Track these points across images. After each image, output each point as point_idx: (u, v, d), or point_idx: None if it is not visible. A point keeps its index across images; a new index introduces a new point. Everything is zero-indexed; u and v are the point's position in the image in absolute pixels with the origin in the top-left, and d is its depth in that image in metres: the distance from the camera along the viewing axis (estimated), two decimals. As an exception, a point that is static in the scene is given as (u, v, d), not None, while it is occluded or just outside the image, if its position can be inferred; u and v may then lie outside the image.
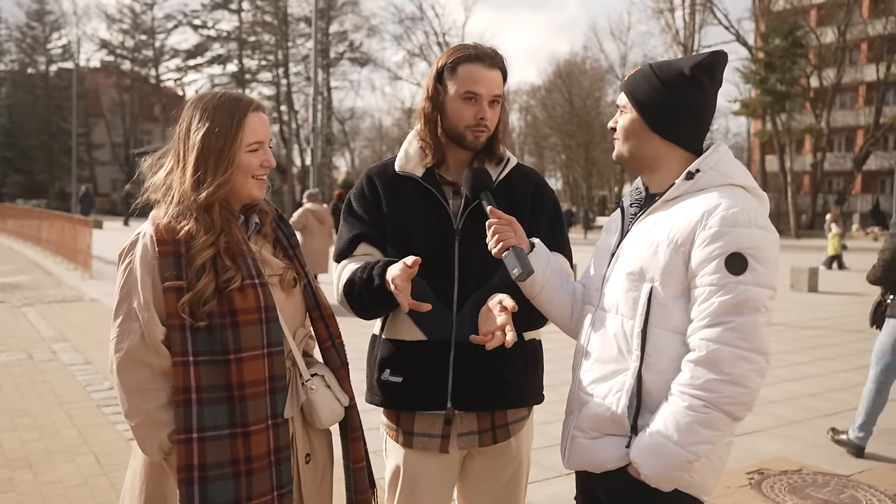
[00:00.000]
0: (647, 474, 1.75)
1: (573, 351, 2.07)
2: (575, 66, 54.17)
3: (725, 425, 1.71)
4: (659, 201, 1.88)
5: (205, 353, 1.85)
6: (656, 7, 47.74)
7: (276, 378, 1.92)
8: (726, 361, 1.67)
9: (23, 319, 9.81)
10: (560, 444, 2.07)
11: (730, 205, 1.73)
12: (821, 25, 43.02)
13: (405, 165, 2.29)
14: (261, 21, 55.00)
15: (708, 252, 1.72)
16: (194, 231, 1.90)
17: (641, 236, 1.87)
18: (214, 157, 1.92)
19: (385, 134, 61.89)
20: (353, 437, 2.12)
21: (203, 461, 1.82)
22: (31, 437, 4.99)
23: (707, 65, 1.85)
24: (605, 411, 1.85)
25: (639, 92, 1.90)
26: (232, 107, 1.95)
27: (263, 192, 2.04)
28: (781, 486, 4.28)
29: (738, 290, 1.69)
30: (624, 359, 1.83)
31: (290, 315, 2.04)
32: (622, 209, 2.03)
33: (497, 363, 2.18)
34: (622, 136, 1.94)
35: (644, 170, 1.96)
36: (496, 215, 2.05)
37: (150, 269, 1.87)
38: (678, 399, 1.72)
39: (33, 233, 21.94)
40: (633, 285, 1.83)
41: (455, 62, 2.22)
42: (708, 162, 1.84)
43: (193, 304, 1.84)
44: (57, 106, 58.96)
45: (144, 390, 1.86)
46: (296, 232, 2.87)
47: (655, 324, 1.79)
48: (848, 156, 45.22)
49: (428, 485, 2.27)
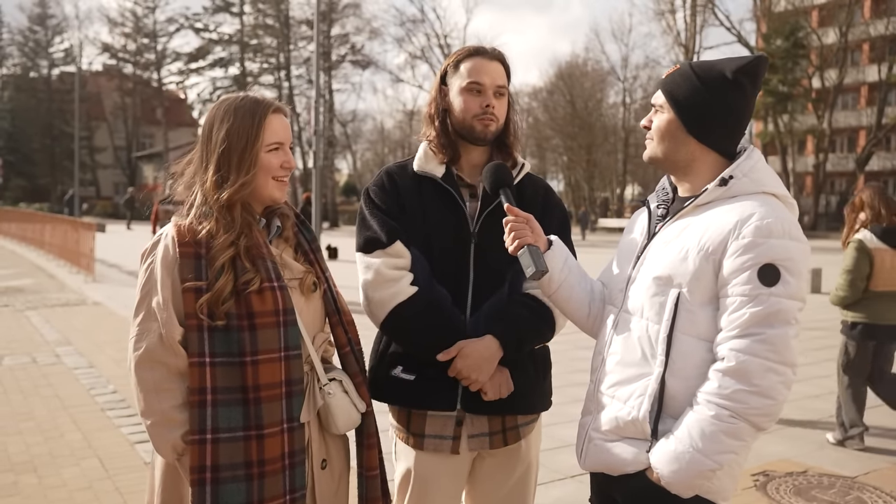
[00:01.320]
0: (668, 481, 1.74)
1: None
2: (576, 68, 54.15)
3: (750, 435, 1.71)
4: (690, 206, 1.85)
5: (221, 354, 1.85)
6: (657, 9, 47.70)
7: (292, 382, 1.92)
8: (755, 373, 1.66)
9: (26, 323, 9.81)
10: (576, 444, 2.06)
11: (764, 214, 1.71)
12: (822, 26, 43.00)
13: (424, 165, 2.28)
14: (262, 24, 55.01)
15: (741, 262, 1.70)
16: (214, 231, 1.91)
17: (670, 240, 1.84)
18: (237, 156, 1.94)
19: (387, 136, 61.95)
20: (368, 444, 2.11)
21: (216, 462, 1.82)
22: (36, 441, 4.99)
23: (751, 69, 1.82)
24: (626, 415, 1.84)
25: (678, 92, 1.86)
26: (253, 107, 1.97)
27: (284, 193, 2.04)
28: (787, 488, 4.27)
29: (769, 302, 1.67)
30: (647, 363, 1.82)
31: (310, 319, 2.04)
32: (648, 210, 2.00)
33: (508, 369, 2.19)
34: (657, 137, 1.90)
35: (677, 172, 1.93)
36: (513, 213, 2.03)
37: (170, 269, 1.89)
38: (704, 408, 1.70)
39: (36, 236, 21.95)
40: (661, 290, 1.81)
41: (457, 61, 2.26)
42: (742, 168, 1.81)
43: (211, 304, 1.86)
44: (59, 109, 59.03)
45: (161, 390, 1.87)
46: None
47: (682, 329, 1.77)
48: (850, 156, 45.17)
49: (438, 486, 2.26)
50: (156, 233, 2.05)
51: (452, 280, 2.21)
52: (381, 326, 2.24)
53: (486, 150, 2.30)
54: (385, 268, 2.19)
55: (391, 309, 2.17)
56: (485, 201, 2.25)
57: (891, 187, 44.49)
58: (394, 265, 2.20)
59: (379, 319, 2.21)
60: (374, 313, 2.21)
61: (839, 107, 44.56)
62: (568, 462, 4.58)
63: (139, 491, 4.12)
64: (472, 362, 2.12)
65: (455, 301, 2.21)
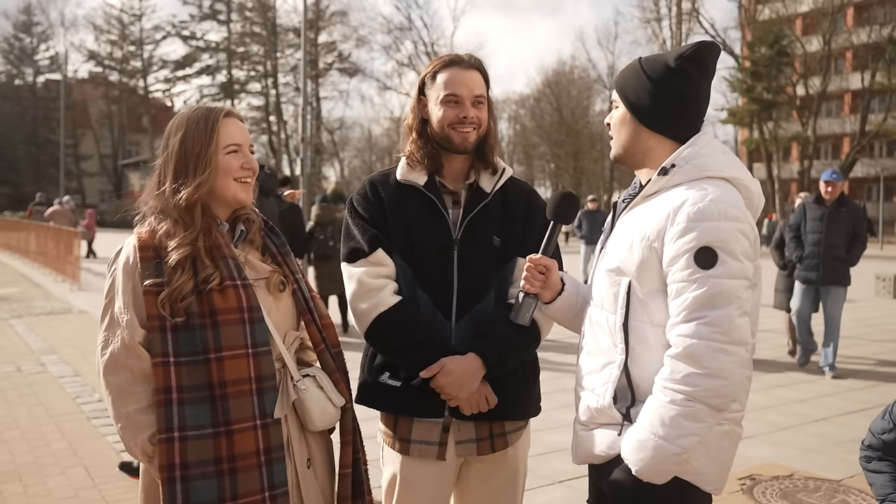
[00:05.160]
0: (637, 469, 1.76)
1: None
2: (563, 76, 54.45)
3: (710, 416, 1.72)
4: (638, 197, 1.91)
5: (186, 353, 1.88)
6: (643, 17, 48.10)
7: (263, 378, 1.93)
8: (704, 355, 1.69)
9: (11, 332, 9.73)
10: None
11: (697, 199, 1.75)
12: (806, 34, 43.40)
13: (407, 174, 2.29)
14: (249, 32, 55.06)
15: (677, 248, 1.74)
16: (173, 231, 1.95)
17: (621, 232, 1.90)
18: (192, 161, 1.97)
19: (374, 144, 61.89)
20: (343, 441, 2.12)
21: (185, 460, 1.84)
22: (21, 450, 4.94)
23: (693, 55, 1.86)
24: (596, 403, 1.89)
25: (627, 86, 1.93)
26: (206, 114, 2.02)
27: (250, 195, 2.07)
28: (773, 492, 4.30)
29: (709, 284, 1.70)
30: (612, 352, 1.87)
31: (279, 318, 2.05)
32: (614, 206, 2.05)
33: (497, 375, 2.20)
34: (615, 132, 1.97)
35: (636, 165, 1.98)
36: (536, 261, 2.07)
37: (130, 274, 1.93)
38: (660, 394, 1.74)
39: (21, 245, 21.79)
40: (613, 280, 1.87)
41: (434, 72, 2.27)
42: (684, 156, 1.85)
43: (172, 301, 1.88)
44: (44, 117, 58.74)
45: (125, 394, 1.89)
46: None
47: (636, 318, 1.82)
48: (834, 163, 45.51)
49: (424, 492, 2.26)
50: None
51: (437, 287, 2.22)
52: (365, 337, 2.25)
53: (467, 157, 2.31)
54: (367, 277, 2.20)
55: (373, 319, 2.18)
56: (467, 208, 2.26)
57: (874, 194, 44.91)
58: (376, 273, 2.21)
59: (363, 329, 2.22)
60: (359, 322, 2.22)
61: (823, 114, 44.97)
62: (556, 467, 4.59)
63: (125, 500, 4.10)
64: (454, 380, 2.13)
65: (440, 307, 2.22)
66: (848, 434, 5.44)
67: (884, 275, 14.93)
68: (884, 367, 7.90)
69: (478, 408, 2.19)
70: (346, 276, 2.26)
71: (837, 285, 7.47)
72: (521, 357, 2.27)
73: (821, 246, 7.43)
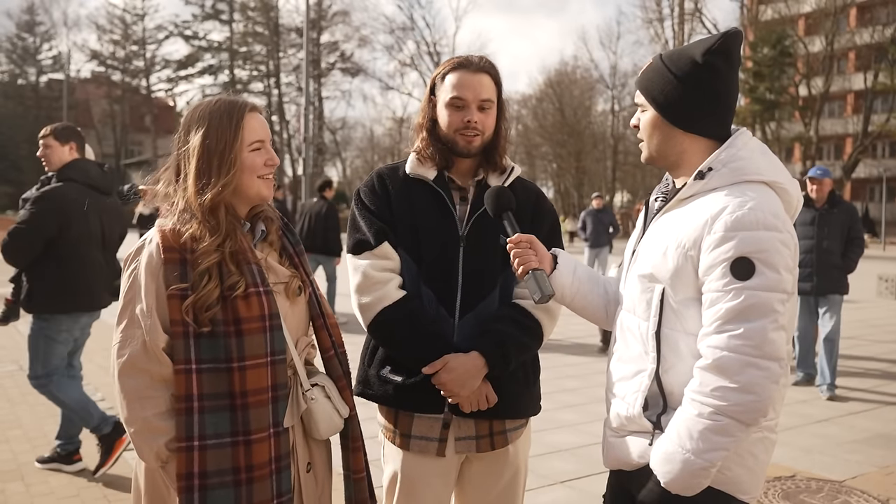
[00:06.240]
0: (665, 481, 1.72)
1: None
2: (565, 76, 54.43)
3: (739, 431, 1.66)
4: (673, 200, 1.83)
5: (208, 360, 1.84)
6: (646, 17, 48.10)
7: (278, 387, 1.92)
8: (734, 369, 1.63)
9: (13, 330, 9.71)
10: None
11: (735, 207, 1.67)
12: (809, 35, 43.32)
13: (416, 168, 2.29)
14: (252, 31, 55.11)
15: (714, 257, 1.67)
16: (199, 234, 1.89)
17: (655, 237, 1.84)
18: (217, 158, 1.92)
19: (376, 144, 61.90)
20: (353, 448, 2.11)
21: (203, 469, 1.81)
22: (23, 449, 4.95)
23: (721, 47, 1.78)
24: (625, 411, 1.86)
25: (653, 87, 1.84)
26: (229, 109, 1.96)
27: (272, 191, 2.04)
28: (775, 493, 4.29)
29: (745, 296, 1.64)
30: (644, 360, 1.82)
31: (294, 323, 2.03)
32: (647, 205, 1.98)
33: (497, 373, 2.20)
34: (646, 136, 1.89)
35: (671, 167, 1.91)
36: (515, 239, 2.04)
37: (154, 275, 1.87)
38: (689, 406, 1.69)
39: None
40: (646, 287, 1.81)
41: (444, 73, 2.27)
42: (721, 159, 1.77)
43: (197, 309, 1.83)
44: (47, 117, 58.48)
45: (143, 398, 1.85)
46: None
47: (669, 326, 1.77)
48: (837, 164, 45.43)
49: (425, 489, 2.27)
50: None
51: (441, 282, 2.22)
52: (367, 329, 2.25)
53: (475, 158, 2.31)
54: (372, 270, 2.20)
55: (377, 313, 2.18)
56: (475, 205, 2.26)
57: (877, 194, 44.85)
58: (381, 267, 2.21)
59: (366, 323, 2.22)
60: (362, 316, 2.22)
61: (826, 114, 44.87)
62: (557, 468, 4.58)
63: (127, 499, 4.10)
64: (457, 377, 2.13)
65: (444, 303, 2.22)
66: (850, 435, 5.44)
67: (886, 276, 14.91)
68: (886, 367, 7.89)
69: (477, 406, 2.19)
70: (351, 267, 2.26)
71: (835, 294, 6.76)
72: (523, 355, 2.27)
73: (813, 253, 6.65)
